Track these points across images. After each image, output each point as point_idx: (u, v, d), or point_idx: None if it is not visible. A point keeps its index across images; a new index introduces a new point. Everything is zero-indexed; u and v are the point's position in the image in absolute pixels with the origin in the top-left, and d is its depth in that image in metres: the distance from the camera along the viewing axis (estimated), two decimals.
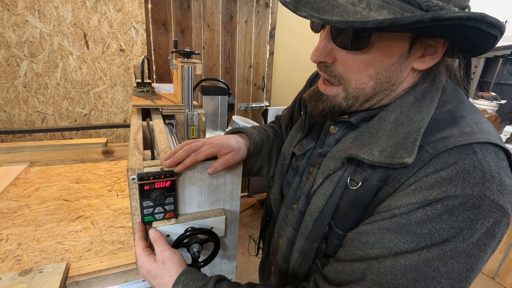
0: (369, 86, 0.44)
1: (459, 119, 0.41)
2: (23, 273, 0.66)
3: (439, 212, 0.37)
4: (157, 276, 0.51)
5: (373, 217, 0.42)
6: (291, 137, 0.65)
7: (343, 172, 0.47)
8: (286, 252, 0.60)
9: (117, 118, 1.88)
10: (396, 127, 0.43)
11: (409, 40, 0.40)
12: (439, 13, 0.31)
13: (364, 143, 0.45)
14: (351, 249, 0.43)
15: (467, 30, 0.34)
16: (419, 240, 0.37)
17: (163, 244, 0.54)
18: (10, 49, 1.52)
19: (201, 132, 1.05)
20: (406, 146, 0.40)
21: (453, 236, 0.36)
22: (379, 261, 0.39)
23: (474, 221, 0.36)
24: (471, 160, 0.37)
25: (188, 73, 0.96)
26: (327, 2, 0.37)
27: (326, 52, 0.44)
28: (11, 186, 1.09)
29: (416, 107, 0.43)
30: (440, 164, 0.38)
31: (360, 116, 0.49)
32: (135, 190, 0.54)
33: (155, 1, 1.99)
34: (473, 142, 0.38)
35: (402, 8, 0.35)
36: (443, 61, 0.44)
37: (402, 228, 0.38)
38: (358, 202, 0.45)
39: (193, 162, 0.55)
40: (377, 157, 0.42)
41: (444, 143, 0.39)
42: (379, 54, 0.41)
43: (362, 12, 0.35)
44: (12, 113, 1.62)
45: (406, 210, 0.39)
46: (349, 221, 0.46)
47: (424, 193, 0.38)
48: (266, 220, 0.76)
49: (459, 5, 0.38)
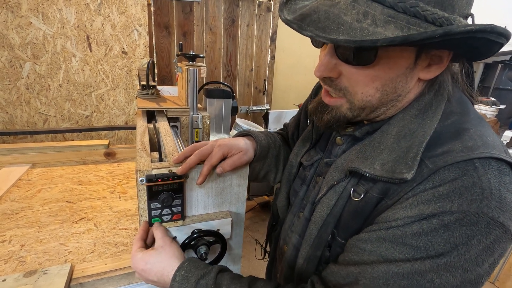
0: (375, 98, 0.44)
1: (463, 132, 0.41)
2: (28, 274, 0.65)
3: (434, 227, 0.37)
4: (156, 263, 0.51)
5: (372, 227, 0.43)
6: (298, 147, 0.65)
7: (347, 183, 0.47)
8: (291, 258, 0.60)
9: (118, 120, 1.88)
10: (398, 140, 0.43)
11: (415, 52, 0.39)
12: (450, 28, 0.31)
13: (366, 156, 0.45)
14: (349, 254, 0.44)
15: (476, 41, 0.34)
16: (414, 252, 0.38)
17: (163, 232, 0.55)
18: (13, 50, 1.53)
19: (205, 134, 1.06)
20: (406, 161, 0.40)
21: (448, 251, 0.36)
22: (372, 266, 0.40)
23: (471, 237, 0.35)
24: (471, 176, 0.37)
25: (193, 76, 0.97)
26: (332, 20, 0.36)
27: (330, 67, 0.43)
28: (14, 188, 1.08)
29: (419, 119, 0.43)
30: (439, 180, 0.38)
31: (365, 130, 0.49)
32: (143, 191, 0.54)
33: (158, 4, 2.00)
34: (475, 158, 0.38)
35: (409, 22, 0.35)
36: (448, 69, 0.44)
37: (398, 239, 0.39)
38: (359, 212, 0.45)
39: (210, 169, 0.56)
40: (378, 171, 0.42)
41: (444, 158, 0.39)
42: (385, 67, 0.40)
43: (368, 29, 0.35)
44: (14, 114, 1.62)
45: (402, 223, 0.39)
46: (350, 230, 0.47)
47: (421, 207, 0.38)
48: (273, 224, 0.77)
49: (463, 14, 0.38)
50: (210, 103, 1.23)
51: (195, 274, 0.48)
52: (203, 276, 0.48)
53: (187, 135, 1.06)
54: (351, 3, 0.37)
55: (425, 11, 0.34)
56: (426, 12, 0.34)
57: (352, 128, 0.52)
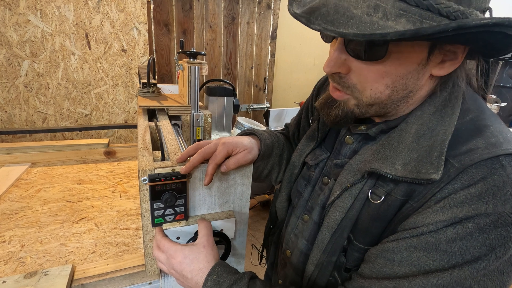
0: (385, 95, 0.43)
1: (483, 129, 0.40)
2: (28, 275, 0.64)
3: (470, 231, 0.36)
4: (194, 260, 0.50)
5: (399, 234, 0.41)
6: (302, 146, 0.63)
7: (363, 185, 0.46)
8: (298, 265, 0.58)
9: (118, 118, 1.87)
10: (418, 139, 0.42)
11: (428, 47, 0.38)
12: (464, 21, 0.30)
13: (385, 156, 0.43)
14: (376, 266, 0.42)
15: (493, 36, 0.32)
16: (449, 258, 0.36)
17: (209, 230, 0.54)
18: (11, 48, 1.51)
19: (207, 133, 1.05)
20: (431, 161, 0.39)
21: (485, 254, 0.35)
22: (409, 280, 0.38)
23: (507, 239, 0.35)
24: (500, 175, 0.36)
25: (194, 74, 0.96)
26: (341, 13, 0.35)
27: (339, 63, 0.42)
28: (13, 187, 1.07)
29: (438, 117, 0.42)
30: (468, 179, 0.37)
31: (379, 128, 0.48)
32: (145, 191, 0.53)
33: (158, 2, 1.99)
34: (500, 154, 0.37)
35: (421, 16, 0.33)
36: (462, 66, 0.42)
37: (431, 246, 0.37)
38: (381, 216, 0.44)
39: (215, 168, 0.54)
40: (401, 172, 0.41)
41: (470, 156, 0.38)
42: (396, 63, 0.39)
43: (379, 22, 0.33)
44: (13, 113, 1.61)
45: (434, 228, 0.37)
46: (370, 234, 0.45)
47: (454, 210, 0.37)
48: (270, 227, 0.75)
49: (480, 8, 0.36)
50: (211, 101, 1.22)
51: (227, 280, 0.47)
52: (235, 282, 0.47)
53: (188, 133, 1.04)
54: None
55: (439, 4, 0.33)
56: (440, 5, 0.33)
57: (364, 126, 0.50)
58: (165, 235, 0.56)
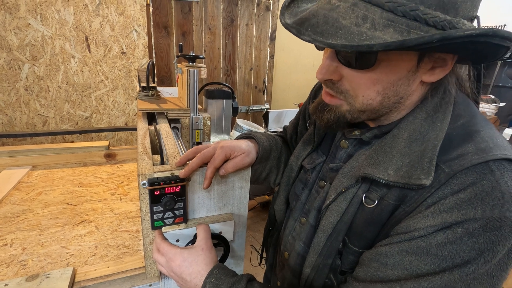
0: (376, 101, 0.43)
1: (474, 134, 0.41)
2: (30, 278, 0.65)
3: (459, 235, 0.36)
4: (193, 263, 0.51)
5: (392, 238, 0.42)
6: (299, 150, 0.64)
7: (357, 190, 0.46)
8: (295, 267, 0.59)
9: (118, 121, 1.88)
10: (410, 144, 0.43)
11: (417, 55, 0.39)
12: (449, 32, 0.30)
13: (378, 161, 0.44)
14: (370, 269, 0.43)
15: (479, 45, 0.33)
16: (440, 262, 0.37)
17: (208, 233, 0.56)
18: (12, 52, 1.52)
19: (206, 135, 1.06)
20: (422, 166, 0.40)
21: (475, 258, 0.36)
22: (401, 283, 0.39)
23: (496, 243, 0.35)
24: (489, 181, 0.36)
25: (193, 77, 0.97)
26: (330, 24, 0.36)
27: (331, 70, 0.43)
28: (14, 190, 1.08)
29: (429, 122, 0.43)
30: (457, 185, 0.38)
31: (372, 133, 0.49)
32: (145, 195, 0.54)
33: (157, 4, 2.00)
34: (490, 160, 0.38)
35: (408, 26, 0.34)
36: (453, 71, 0.43)
37: (423, 250, 0.38)
38: (374, 220, 0.44)
39: (214, 172, 0.55)
40: (393, 177, 0.41)
41: (460, 161, 0.38)
42: (386, 71, 0.40)
43: (367, 33, 0.34)
44: (14, 116, 1.62)
45: (425, 233, 0.38)
46: (364, 238, 0.46)
47: (444, 215, 0.37)
48: (269, 229, 0.76)
49: (468, 16, 0.37)
50: (210, 104, 1.23)
51: (225, 282, 0.48)
52: (233, 284, 0.48)
53: (187, 136, 1.05)
54: (350, 7, 0.36)
55: (426, 14, 0.34)
56: (427, 15, 0.34)
57: (358, 131, 0.51)
58: (165, 238, 0.57)
